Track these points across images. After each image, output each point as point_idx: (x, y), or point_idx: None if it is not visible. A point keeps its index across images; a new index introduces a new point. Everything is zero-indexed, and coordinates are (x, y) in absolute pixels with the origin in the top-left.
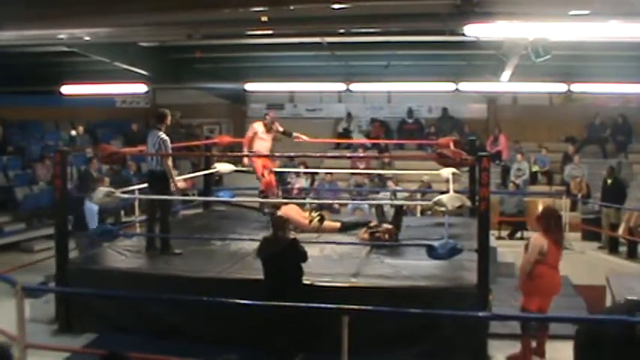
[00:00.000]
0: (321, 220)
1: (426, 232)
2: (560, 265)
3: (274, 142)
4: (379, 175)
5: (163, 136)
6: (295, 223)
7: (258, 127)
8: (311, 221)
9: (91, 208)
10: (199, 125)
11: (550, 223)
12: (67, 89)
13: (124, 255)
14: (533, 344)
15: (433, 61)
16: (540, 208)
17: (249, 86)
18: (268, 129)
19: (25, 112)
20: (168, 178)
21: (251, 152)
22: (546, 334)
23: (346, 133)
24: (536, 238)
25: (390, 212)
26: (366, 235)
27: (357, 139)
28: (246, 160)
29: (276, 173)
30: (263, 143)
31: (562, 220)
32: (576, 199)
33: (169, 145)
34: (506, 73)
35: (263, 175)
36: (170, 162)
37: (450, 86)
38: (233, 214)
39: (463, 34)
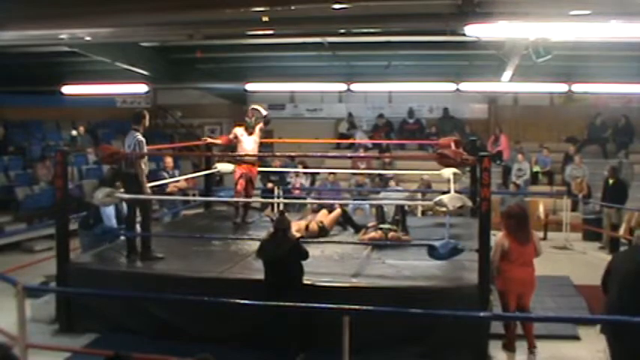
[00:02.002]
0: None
1: (427, 232)
2: (562, 265)
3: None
4: (380, 175)
5: (140, 137)
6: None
7: (238, 130)
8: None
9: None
10: (200, 125)
11: (510, 222)
12: (67, 89)
13: (124, 255)
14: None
15: (434, 61)
16: (541, 208)
17: (250, 86)
18: (250, 130)
19: (26, 112)
20: (141, 180)
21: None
22: (531, 327)
23: (350, 132)
24: (498, 238)
25: (389, 213)
26: (376, 234)
27: (362, 137)
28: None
29: (276, 173)
30: (244, 146)
31: (527, 219)
32: (577, 200)
33: (145, 147)
34: (507, 73)
35: (237, 182)
36: (143, 165)
37: (450, 86)
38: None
39: (464, 35)
